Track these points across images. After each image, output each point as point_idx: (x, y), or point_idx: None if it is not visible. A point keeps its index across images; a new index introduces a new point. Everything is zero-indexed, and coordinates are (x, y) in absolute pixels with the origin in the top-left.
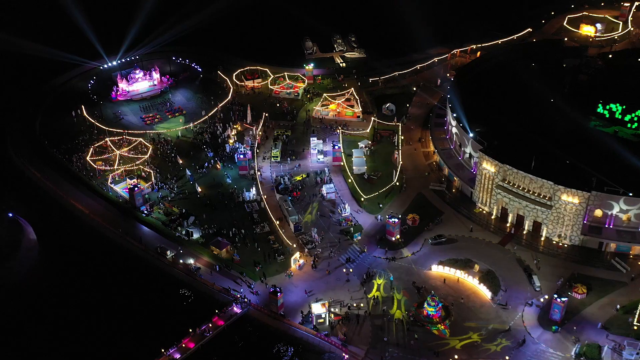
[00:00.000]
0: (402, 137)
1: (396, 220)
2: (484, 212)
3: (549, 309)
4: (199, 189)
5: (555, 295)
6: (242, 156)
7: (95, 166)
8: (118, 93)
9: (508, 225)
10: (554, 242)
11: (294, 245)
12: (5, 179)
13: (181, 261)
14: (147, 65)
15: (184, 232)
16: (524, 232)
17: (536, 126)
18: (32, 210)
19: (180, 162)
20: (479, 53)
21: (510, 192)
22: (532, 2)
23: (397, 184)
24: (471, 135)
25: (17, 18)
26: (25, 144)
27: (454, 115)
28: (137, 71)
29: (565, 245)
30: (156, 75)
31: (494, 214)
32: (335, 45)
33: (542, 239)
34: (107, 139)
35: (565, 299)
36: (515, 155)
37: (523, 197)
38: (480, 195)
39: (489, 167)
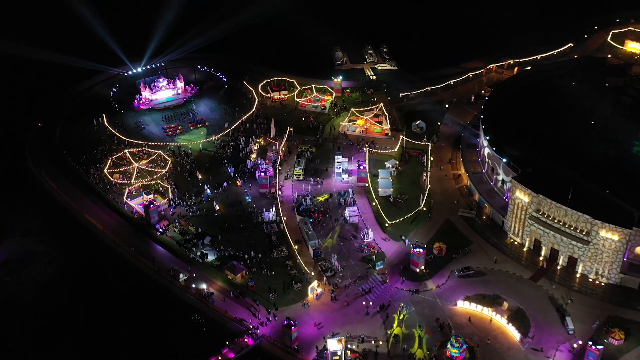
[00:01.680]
0: (432, 158)
1: (421, 250)
2: (516, 243)
3: (583, 354)
4: (217, 207)
5: (590, 342)
6: (263, 174)
7: (112, 179)
8: (141, 102)
9: (541, 259)
10: (590, 280)
11: (312, 273)
12: (22, 189)
13: (193, 285)
14: (172, 73)
15: (198, 254)
16: (558, 268)
17: (575, 151)
18: (47, 223)
19: (200, 177)
20: (516, 69)
21: (545, 225)
22: (574, 15)
23: (424, 209)
24: (504, 160)
25: (41, 26)
26: (44, 153)
27: (487, 137)
28: (161, 79)
29: (603, 284)
30: (180, 84)
31: (527, 246)
32: (366, 56)
33: (578, 275)
34: (125, 151)
35: (601, 346)
36: (551, 184)
37: (558, 231)
38: (512, 225)
39: (522, 196)
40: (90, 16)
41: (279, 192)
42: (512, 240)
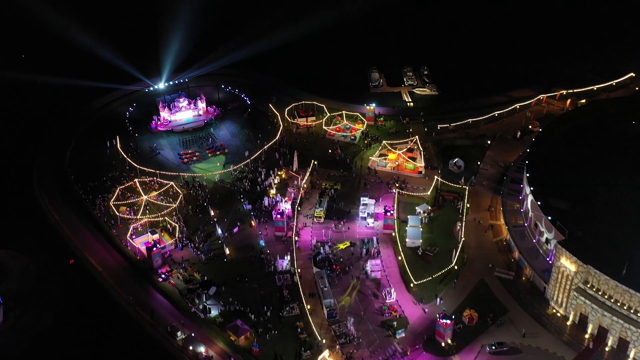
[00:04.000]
0: (468, 205)
1: (448, 322)
2: (558, 315)
3: None
4: (227, 252)
5: None
6: (279, 216)
7: (118, 213)
8: (158, 123)
9: (587, 337)
10: None
11: (324, 341)
12: (27, 218)
13: (191, 347)
14: (194, 91)
15: (200, 307)
16: (606, 349)
17: (634, 208)
18: (48, 259)
19: (212, 214)
20: (569, 101)
21: (593, 300)
22: (636, 40)
23: (456, 267)
24: (549, 218)
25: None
26: (52, 178)
27: (532, 188)
28: (182, 99)
29: None
30: (202, 105)
31: (570, 320)
32: (405, 79)
33: None
34: (136, 180)
35: None
36: (604, 252)
37: (608, 308)
38: (555, 293)
39: (568, 263)
40: (110, 30)
41: (296, 238)
42: (554, 311)
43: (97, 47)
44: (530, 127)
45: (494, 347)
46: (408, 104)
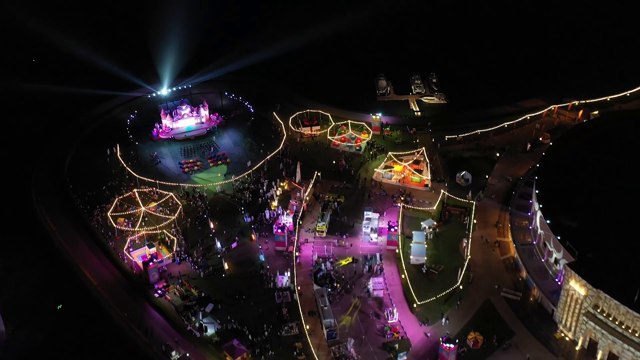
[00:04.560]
0: (475, 221)
1: (452, 346)
2: (567, 339)
3: None
4: (226, 267)
5: None
6: (280, 230)
7: (116, 225)
8: (160, 130)
9: None
10: None
11: None
12: (24, 228)
13: None
14: (198, 98)
15: (197, 325)
16: None
17: None
18: (44, 271)
19: (212, 226)
20: (581, 112)
21: (603, 325)
22: None
23: (461, 287)
24: (558, 238)
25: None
26: (50, 187)
27: (541, 205)
28: (184, 106)
29: None
30: (204, 112)
31: (579, 344)
32: (413, 87)
33: None
34: (135, 190)
35: None
36: (616, 275)
37: (619, 335)
38: (563, 316)
39: (577, 287)
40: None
41: (297, 253)
42: (562, 335)
43: (98, 52)
44: (540, 139)
45: None
46: (416, 113)
